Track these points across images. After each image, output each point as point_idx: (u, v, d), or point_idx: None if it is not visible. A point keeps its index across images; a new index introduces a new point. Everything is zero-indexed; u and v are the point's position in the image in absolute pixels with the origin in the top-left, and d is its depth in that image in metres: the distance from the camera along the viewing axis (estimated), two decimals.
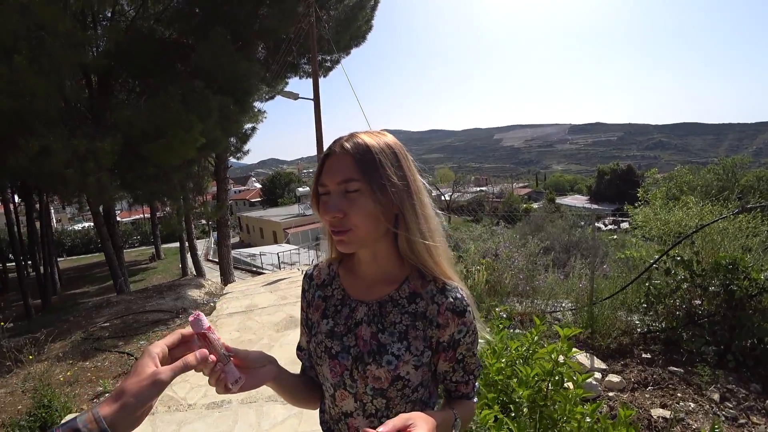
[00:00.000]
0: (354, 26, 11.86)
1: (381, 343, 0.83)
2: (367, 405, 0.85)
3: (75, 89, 8.20)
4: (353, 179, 0.78)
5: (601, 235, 15.51)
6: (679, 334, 3.22)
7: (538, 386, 1.80)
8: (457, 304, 0.82)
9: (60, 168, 6.53)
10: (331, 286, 0.95)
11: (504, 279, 4.79)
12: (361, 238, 0.80)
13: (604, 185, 53.61)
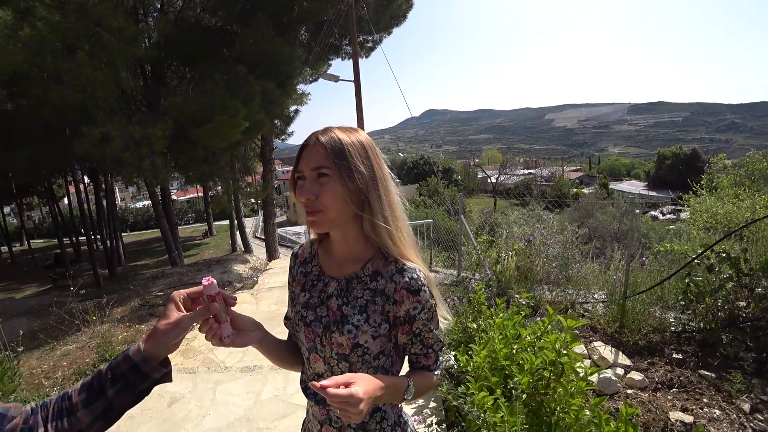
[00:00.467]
0: (394, 5, 11.68)
1: (344, 314, 0.95)
2: (334, 367, 0.97)
3: (130, 79, 8.76)
4: (325, 166, 0.89)
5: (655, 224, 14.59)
6: (717, 336, 3.03)
7: (539, 375, 1.80)
8: (412, 283, 0.92)
9: (119, 153, 7.07)
10: (311, 264, 1.08)
11: (535, 266, 4.69)
12: (330, 218, 0.92)
13: (664, 170, 49.89)
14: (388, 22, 12.13)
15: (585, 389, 1.73)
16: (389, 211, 0.94)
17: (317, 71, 12.84)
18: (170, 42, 8.97)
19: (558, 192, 36.59)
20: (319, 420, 1.03)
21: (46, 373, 4.59)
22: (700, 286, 3.19)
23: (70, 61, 6.54)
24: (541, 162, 65.81)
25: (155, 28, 9.21)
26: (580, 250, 5.47)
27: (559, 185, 40.79)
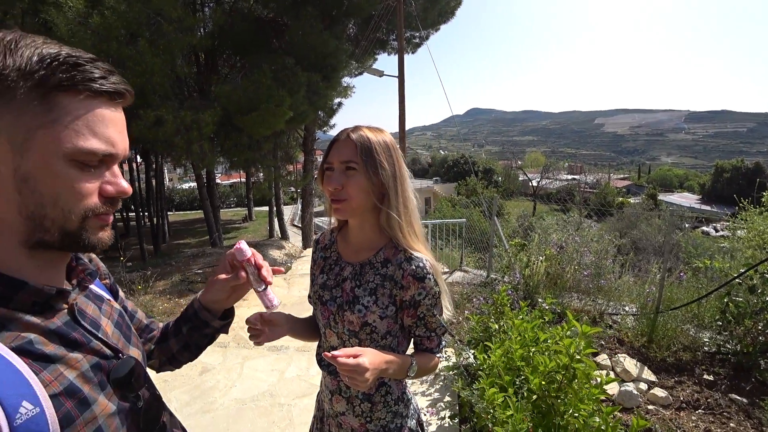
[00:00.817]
0: (442, 2, 11.59)
1: (356, 296, 1.06)
2: (346, 342, 1.09)
3: (184, 66, 9.21)
4: (353, 161, 1.00)
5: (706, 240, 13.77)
6: (754, 360, 2.89)
7: (551, 377, 1.82)
8: (418, 271, 1.02)
9: (170, 136, 7.50)
10: (330, 249, 1.21)
11: (566, 273, 4.61)
12: (353, 207, 1.03)
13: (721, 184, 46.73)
14: (436, 19, 12.07)
15: (597, 396, 1.73)
16: (403, 207, 1.05)
17: (363, 65, 12.97)
18: (224, 32, 9.35)
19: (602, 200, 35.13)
20: (330, 389, 1.14)
21: None
22: (741, 307, 3.04)
23: (133, 48, 6.99)
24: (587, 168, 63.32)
25: (210, 18, 9.62)
26: (616, 261, 5.30)
27: (604, 193, 39.10)
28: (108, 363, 0.65)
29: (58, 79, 0.52)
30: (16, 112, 0.51)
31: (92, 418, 0.59)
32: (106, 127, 0.57)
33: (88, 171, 0.56)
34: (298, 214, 29.06)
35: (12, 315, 0.55)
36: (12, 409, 0.49)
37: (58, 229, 0.57)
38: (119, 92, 0.58)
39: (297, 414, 2.93)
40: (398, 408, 1.14)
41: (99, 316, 0.70)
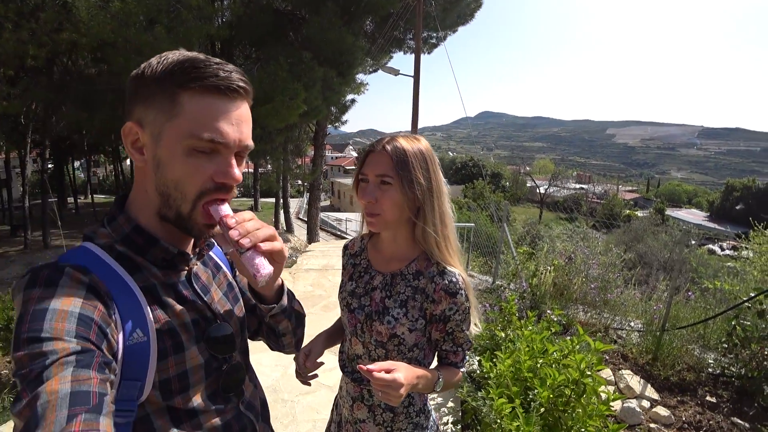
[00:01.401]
0: (462, 3, 11.57)
1: (386, 306, 1.05)
2: (372, 352, 1.08)
3: None
4: (388, 174, 0.99)
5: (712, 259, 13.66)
6: (758, 385, 2.88)
7: (560, 391, 1.83)
8: (451, 286, 1.00)
9: None
10: (360, 256, 1.20)
11: (573, 285, 4.60)
12: (386, 221, 1.02)
13: (730, 203, 46.41)
14: (455, 21, 12.05)
15: (605, 413, 1.74)
16: (440, 221, 1.03)
17: (378, 63, 12.97)
18: (241, 22, 9.38)
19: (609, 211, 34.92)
20: (352, 396, 1.13)
21: None
22: (748, 330, 3.03)
23: (150, 35, 7.04)
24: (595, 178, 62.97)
25: (228, 7, 9.66)
26: (623, 275, 5.28)
27: (611, 204, 38.87)
28: (206, 323, 0.76)
29: (178, 80, 0.63)
30: (155, 109, 0.65)
31: (181, 362, 0.70)
32: (217, 118, 0.65)
33: (202, 158, 0.66)
34: (304, 208, 29.22)
35: (145, 264, 0.70)
36: (129, 332, 0.64)
37: (176, 209, 0.68)
38: (230, 87, 0.65)
39: (300, 411, 2.95)
40: (419, 420, 1.13)
41: (210, 283, 0.82)
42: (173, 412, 0.70)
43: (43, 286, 0.58)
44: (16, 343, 0.53)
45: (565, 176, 49.57)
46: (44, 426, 0.46)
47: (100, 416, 0.50)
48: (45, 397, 0.48)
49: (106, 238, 0.70)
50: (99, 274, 0.64)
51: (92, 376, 0.52)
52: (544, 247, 5.50)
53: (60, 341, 0.53)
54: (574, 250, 5.44)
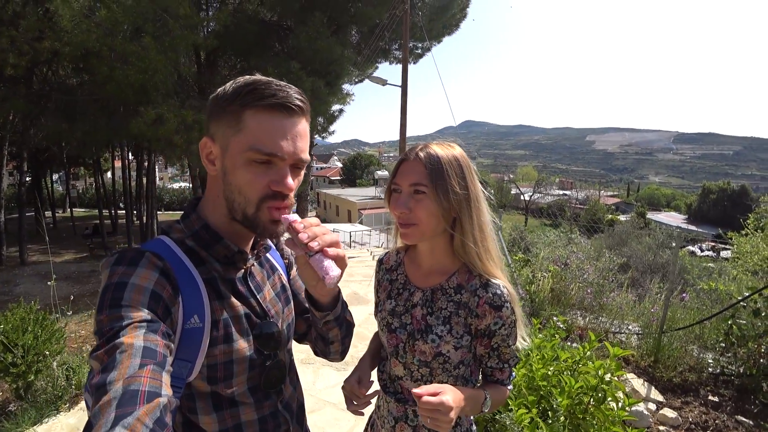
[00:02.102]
0: (448, 14, 11.74)
1: (428, 324, 1.00)
2: (414, 372, 1.03)
3: (187, 65, 9.18)
4: (422, 184, 0.94)
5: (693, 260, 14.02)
6: (757, 383, 2.93)
7: (579, 398, 1.81)
8: (495, 299, 0.95)
9: (170, 134, 7.44)
10: (396, 271, 1.14)
11: (570, 290, 4.63)
12: (421, 232, 0.97)
13: (707, 205, 47.76)
14: (440, 31, 12.21)
15: (624, 418, 1.74)
16: (479, 231, 0.98)
17: (364, 73, 13.04)
18: (228, 32, 9.34)
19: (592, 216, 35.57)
20: (395, 416, 1.07)
21: (84, 338, 4.87)
22: (744, 329, 3.09)
23: (137, 44, 6.94)
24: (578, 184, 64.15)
25: (215, 18, 9.61)
26: (616, 279, 5.35)
27: (594, 209, 39.60)
28: (257, 320, 0.83)
29: (242, 100, 0.72)
30: (224, 125, 0.74)
31: (229, 351, 0.77)
32: (273, 134, 0.73)
33: (260, 168, 0.73)
34: None
35: (208, 258, 0.79)
36: (188, 316, 0.72)
37: (241, 211, 0.76)
38: (285, 105, 0.73)
39: None
40: None
41: (264, 283, 0.89)
42: (215, 397, 0.77)
43: (127, 264, 0.68)
44: (100, 307, 0.63)
45: (549, 183, 50.38)
46: (120, 369, 0.54)
47: (163, 371, 0.58)
48: (123, 347, 0.56)
49: (179, 233, 0.79)
50: (170, 263, 0.73)
51: (159, 339, 0.61)
52: (540, 254, 5.54)
53: (136, 309, 0.62)
54: (569, 256, 5.50)
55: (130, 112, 7.96)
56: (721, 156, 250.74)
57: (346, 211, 34.52)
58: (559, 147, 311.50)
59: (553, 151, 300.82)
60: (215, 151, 0.76)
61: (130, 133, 8.20)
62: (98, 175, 21.65)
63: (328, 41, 8.95)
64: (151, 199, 18.66)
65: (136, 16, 6.84)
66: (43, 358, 3.14)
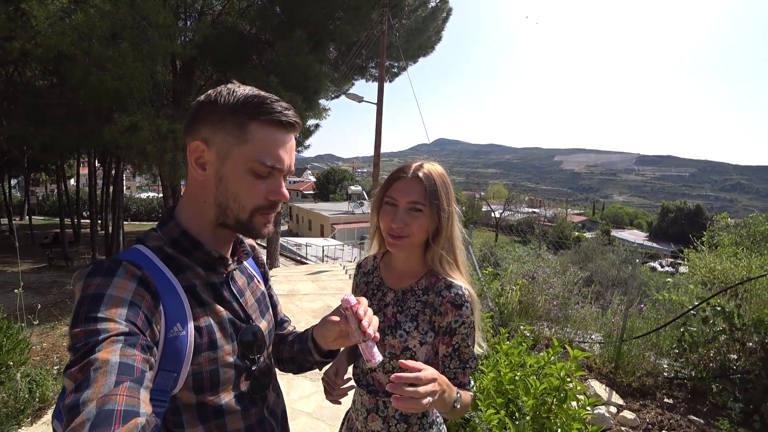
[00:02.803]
0: (424, 36, 12.13)
1: (398, 321, 1.11)
2: (386, 365, 1.12)
3: (164, 73, 9.09)
4: (421, 202, 1.05)
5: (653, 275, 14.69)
6: (708, 385, 3.16)
7: (543, 399, 1.94)
8: (457, 299, 1.06)
9: (144, 143, 7.33)
10: (372, 274, 1.25)
11: (537, 302, 4.83)
12: (412, 244, 1.09)
13: (666, 223, 50.29)
14: (416, 52, 12.57)
15: (585, 416, 1.87)
16: (452, 243, 1.11)
17: (341, 89, 13.21)
18: (207, 43, 9.33)
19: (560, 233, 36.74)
20: (367, 408, 1.16)
21: (46, 351, 4.68)
22: (695, 336, 3.34)
23: (114, 50, 6.86)
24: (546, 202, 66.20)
25: (195, 28, 9.59)
26: (581, 292, 5.61)
27: (562, 227, 40.96)
28: (241, 324, 0.83)
29: (250, 112, 0.74)
30: (225, 133, 0.75)
31: (214, 359, 0.75)
32: (277, 148, 0.76)
33: (260, 178, 0.77)
34: None
35: (189, 264, 0.78)
36: (171, 325, 0.70)
37: (234, 217, 0.78)
38: (291, 123, 0.77)
39: None
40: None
41: (245, 288, 0.90)
42: (201, 408, 0.75)
43: (103, 275, 0.66)
44: (75, 321, 0.60)
45: (518, 201, 51.80)
46: (95, 387, 0.52)
47: (141, 387, 0.56)
48: (97, 364, 0.54)
49: (156, 241, 0.78)
50: (149, 272, 0.71)
51: (137, 353, 0.58)
52: (509, 268, 5.75)
53: (113, 322, 0.60)
54: (536, 270, 5.73)
55: (103, 119, 7.77)
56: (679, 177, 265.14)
57: (319, 226, 34.34)
58: (528, 166, 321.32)
59: (523, 170, 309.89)
60: (208, 156, 0.76)
61: (102, 139, 7.99)
62: (61, 182, 20.80)
63: (306, 57, 9.09)
64: (117, 209, 18.04)
65: (114, 22, 6.75)
66: (6, 368, 3.03)
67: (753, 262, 3.63)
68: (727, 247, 5.70)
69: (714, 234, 7.98)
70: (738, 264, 3.70)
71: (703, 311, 3.37)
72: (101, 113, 8.03)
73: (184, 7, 10.40)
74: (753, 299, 3.38)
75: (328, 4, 9.56)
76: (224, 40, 9.66)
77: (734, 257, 3.83)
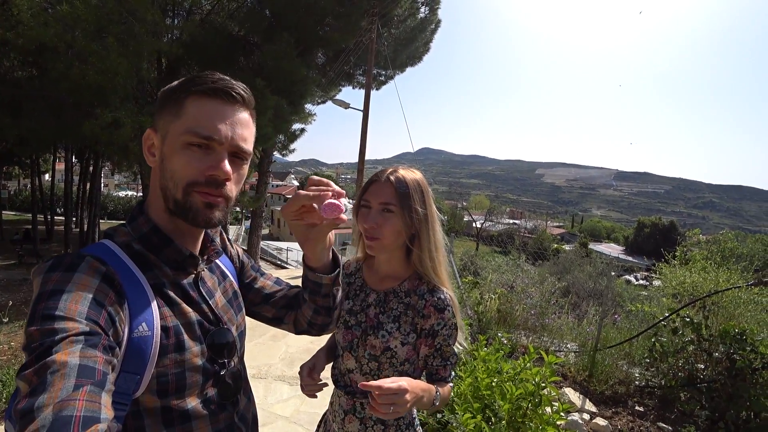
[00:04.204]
0: (412, 46, 12.28)
1: (380, 321, 1.13)
2: (364, 366, 1.14)
3: (149, 71, 8.96)
4: (391, 203, 1.09)
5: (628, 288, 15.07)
6: (676, 393, 3.27)
7: (518, 404, 1.98)
8: (439, 303, 1.10)
9: (126, 140, 7.17)
10: (354, 276, 1.27)
11: (515, 311, 4.91)
12: (385, 245, 1.11)
13: (642, 238, 51.71)
14: (404, 61, 12.70)
15: (559, 421, 1.92)
16: (433, 247, 1.14)
17: (327, 95, 13.24)
18: (195, 42, 9.24)
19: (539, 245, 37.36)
20: (345, 409, 1.17)
21: (15, 350, 4.53)
22: (665, 346, 3.45)
23: (99, 44, 6.73)
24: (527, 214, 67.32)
25: (183, 27, 9.50)
26: (558, 302, 5.73)
27: (541, 239, 41.73)
28: (209, 326, 0.79)
29: (185, 87, 0.72)
30: (166, 113, 0.73)
31: (180, 361, 0.71)
32: (212, 118, 0.71)
33: (196, 152, 0.71)
34: (243, 236, 28.15)
35: (158, 262, 0.75)
36: (136, 325, 0.66)
37: (172, 197, 0.73)
38: (226, 92, 0.72)
39: None
40: None
41: (215, 289, 0.86)
42: (166, 412, 0.70)
43: (64, 270, 0.62)
44: (31, 318, 0.57)
45: (500, 212, 52.55)
46: (51, 391, 0.48)
47: (103, 391, 0.52)
48: (55, 367, 0.50)
49: (125, 237, 0.74)
50: (114, 268, 0.68)
51: (98, 354, 0.55)
52: (488, 277, 5.83)
53: (71, 321, 0.56)
54: (515, 280, 5.83)
55: (83, 113, 7.59)
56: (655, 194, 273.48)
57: None
58: (510, 178, 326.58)
59: (505, 182, 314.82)
60: (156, 141, 0.74)
61: (82, 134, 7.77)
62: (35, 177, 20.15)
63: (294, 62, 9.09)
64: (94, 206, 17.56)
65: (100, 16, 6.60)
66: None
67: (720, 276, 3.79)
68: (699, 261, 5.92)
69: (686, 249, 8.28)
70: (706, 278, 3.85)
71: (673, 322, 3.49)
72: (82, 108, 7.85)
73: (172, 5, 10.31)
74: (720, 311, 3.52)
75: (318, 11, 9.61)
76: (212, 40, 9.59)
77: (703, 271, 3.99)
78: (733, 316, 3.53)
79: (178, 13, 10.82)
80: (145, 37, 7.18)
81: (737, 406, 2.95)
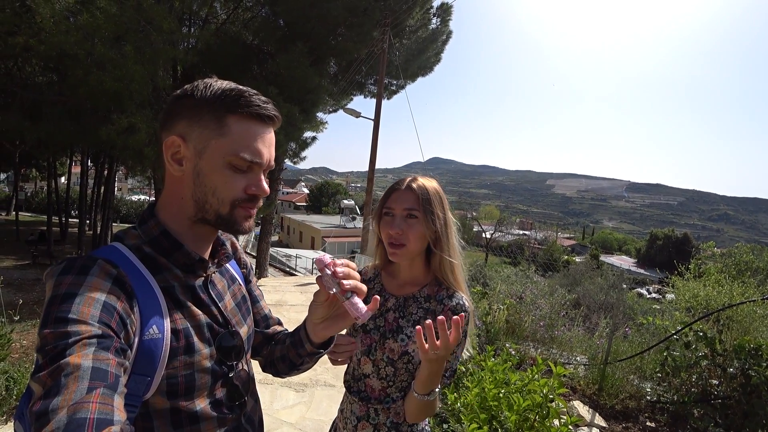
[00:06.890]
0: (423, 57, 12.37)
1: (399, 325, 1.15)
2: (380, 370, 1.15)
3: (164, 78, 9.15)
4: (415, 209, 1.12)
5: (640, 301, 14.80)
6: (689, 410, 3.18)
7: (525, 416, 1.96)
8: (457, 308, 1.12)
9: (141, 145, 7.33)
10: (373, 281, 1.29)
11: (524, 322, 4.86)
12: (410, 251, 1.14)
13: (654, 250, 50.90)
14: (416, 71, 12.80)
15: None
16: (453, 251, 1.16)
17: (339, 103, 13.37)
18: (210, 50, 9.42)
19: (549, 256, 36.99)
20: (358, 416, 1.18)
21: (26, 348, 4.59)
22: (677, 360, 3.37)
23: (117, 52, 6.92)
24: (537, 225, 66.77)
25: (198, 35, 9.70)
26: (568, 314, 5.65)
27: (551, 250, 41.27)
28: (219, 329, 0.80)
29: (228, 105, 0.72)
30: (202, 127, 0.73)
31: (190, 363, 0.73)
32: (256, 141, 0.74)
33: (239, 173, 0.75)
34: (252, 242, 28.32)
35: (168, 265, 0.76)
36: (147, 327, 0.68)
37: (214, 212, 0.75)
38: (269, 116, 0.76)
39: None
40: None
41: (225, 292, 0.87)
42: (175, 414, 0.72)
43: (76, 273, 0.63)
44: (44, 321, 0.58)
45: (510, 222, 52.18)
46: (65, 393, 0.50)
47: (115, 394, 0.54)
48: (69, 369, 0.52)
49: (135, 239, 0.75)
50: (125, 271, 0.69)
51: (110, 357, 0.56)
52: (497, 287, 5.78)
53: (84, 324, 0.57)
54: (524, 291, 5.77)
55: (100, 119, 7.79)
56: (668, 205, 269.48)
57: (310, 238, 34.21)
58: (520, 189, 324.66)
59: (515, 193, 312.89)
60: (185, 151, 0.74)
61: (99, 139, 7.97)
62: (52, 179, 20.55)
63: (307, 71, 9.21)
64: (107, 209, 17.84)
65: (118, 25, 6.82)
66: None
67: (735, 289, 3.71)
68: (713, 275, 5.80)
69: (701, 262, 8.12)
70: (720, 291, 3.78)
71: (685, 336, 3.42)
72: (99, 113, 8.05)
73: (189, 14, 10.56)
74: (734, 325, 3.44)
75: (330, 20, 9.75)
76: (226, 48, 9.77)
77: (717, 284, 3.91)
78: (748, 331, 3.45)
79: (194, 22, 11.06)
80: (161, 46, 7.36)
81: (753, 423, 2.87)
